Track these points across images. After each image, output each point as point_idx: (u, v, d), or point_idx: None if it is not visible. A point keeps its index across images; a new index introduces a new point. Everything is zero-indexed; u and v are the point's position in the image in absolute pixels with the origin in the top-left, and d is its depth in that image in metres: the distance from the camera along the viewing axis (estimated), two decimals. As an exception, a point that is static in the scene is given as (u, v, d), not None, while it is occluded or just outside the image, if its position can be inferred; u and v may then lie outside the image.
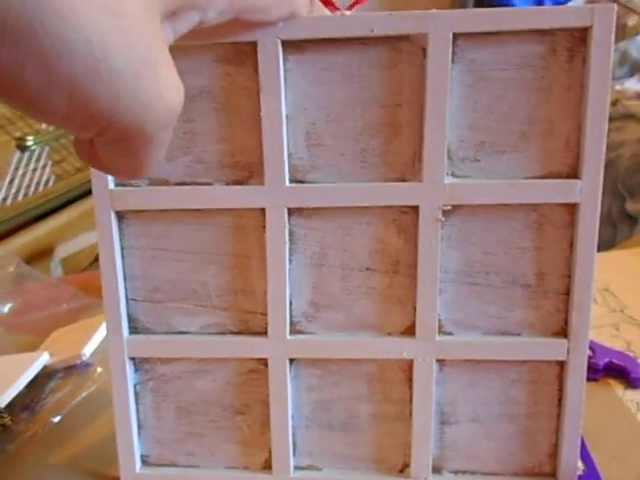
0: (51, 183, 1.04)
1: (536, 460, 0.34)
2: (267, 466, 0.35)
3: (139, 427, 0.35)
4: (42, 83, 0.15)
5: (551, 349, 0.32)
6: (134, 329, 0.34)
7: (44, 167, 1.03)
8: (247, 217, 0.32)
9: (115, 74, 0.16)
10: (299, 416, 0.34)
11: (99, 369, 0.47)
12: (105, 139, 0.18)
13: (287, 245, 0.32)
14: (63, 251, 0.99)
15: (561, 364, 0.33)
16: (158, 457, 0.36)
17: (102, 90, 0.16)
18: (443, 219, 0.31)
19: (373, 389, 0.34)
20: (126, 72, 0.16)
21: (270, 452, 0.34)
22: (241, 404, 0.34)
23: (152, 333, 0.34)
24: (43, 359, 0.47)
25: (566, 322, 0.32)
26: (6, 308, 0.57)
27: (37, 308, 0.57)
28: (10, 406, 0.42)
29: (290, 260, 0.32)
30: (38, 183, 1.02)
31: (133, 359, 0.34)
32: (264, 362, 0.33)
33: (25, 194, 0.99)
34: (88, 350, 0.49)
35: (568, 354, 0.32)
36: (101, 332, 0.50)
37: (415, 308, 0.32)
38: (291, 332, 0.33)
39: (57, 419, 0.42)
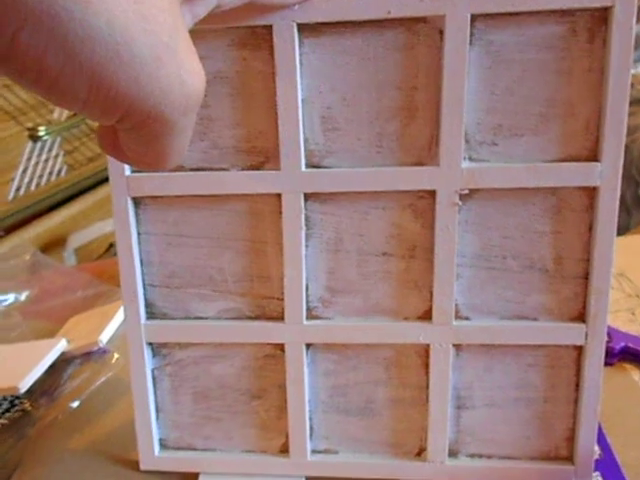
0: (63, 173, 1.05)
1: (553, 444, 0.34)
2: (284, 450, 0.35)
3: (157, 411, 0.36)
4: (63, 67, 0.15)
5: (569, 334, 0.32)
6: (151, 314, 0.34)
7: (56, 157, 1.03)
8: (263, 202, 0.32)
9: (136, 59, 0.16)
10: (316, 401, 0.34)
11: (116, 355, 0.48)
12: (127, 126, 0.18)
13: (303, 230, 0.32)
14: (76, 241, 1.00)
15: (579, 349, 0.32)
16: (176, 441, 0.36)
17: (123, 75, 0.16)
18: (460, 203, 0.31)
19: (390, 374, 0.34)
20: (147, 57, 0.16)
21: (287, 436, 0.35)
22: (258, 389, 0.35)
23: (169, 318, 0.34)
24: (61, 345, 0.47)
25: (584, 307, 0.32)
26: (23, 296, 0.57)
27: (53, 295, 0.58)
28: (29, 392, 0.43)
29: (306, 245, 0.32)
30: (50, 173, 1.02)
31: (151, 344, 0.35)
32: (281, 347, 0.34)
33: (37, 184, 0.99)
34: (105, 337, 0.49)
35: (586, 339, 0.32)
36: (117, 319, 0.51)
37: (432, 293, 0.32)
38: (308, 317, 0.33)
39: (76, 404, 0.43)
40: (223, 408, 0.35)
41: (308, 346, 0.34)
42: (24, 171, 0.96)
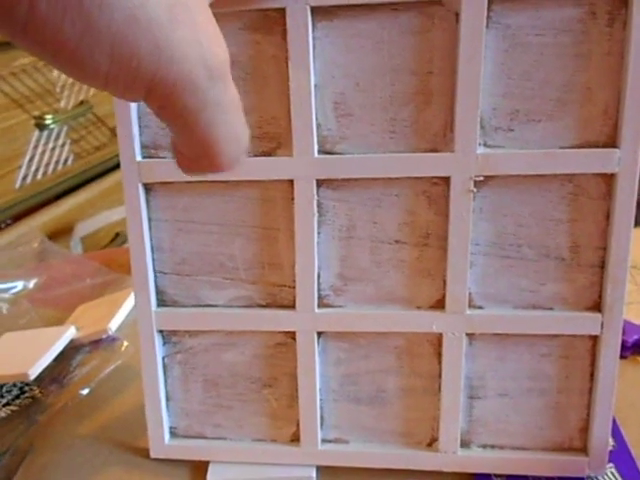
0: (70, 162, 1.05)
1: (566, 435, 0.34)
2: (295, 439, 0.35)
3: (167, 399, 0.36)
4: (82, 36, 0.15)
5: (584, 324, 0.32)
6: (162, 302, 0.34)
7: (63, 146, 1.03)
8: (275, 189, 0.32)
9: (154, 22, 0.15)
10: (327, 389, 0.34)
11: (125, 343, 0.47)
12: (157, 103, 0.17)
13: (315, 217, 0.31)
14: (83, 229, 1.00)
15: (594, 339, 0.32)
16: (186, 429, 0.36)
17: (143, 41, 0.15)
18: (475, 190, 0.30)
19: (401, 363, 0.33)
20: (164, 18, 0.16)
21: (298, 425, 0.34)
22: (269, 377, 0.34)
23: (180, 306, 0.34)
24: (70, 333, 0.47)
25: (600, 296, 0.31)
26: (31, 283, 0.57)
27: (62, 283, 0.58)
28: (39, 378, 0.43)
29: (318, 232, 0.32)
30: (57, 162, 1.02)
31: (161, 332, 0.34)
32: (292, 335, 0.33)
33: (44, 173, 0.99)
34: (114, 325, 0.49)
35: (602, 329, 0.31)
36: (126, 307, 0.51)
37: (445, 281, 0.32)
38: (319, 305, 0.33)
39: (85, 391, 0.43)
40: (233, 396, 0.35)
41: (319, 334, 0.33)
42: (31, 159, 0.96)
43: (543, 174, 0.30)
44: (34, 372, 0.42)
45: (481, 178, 0.30)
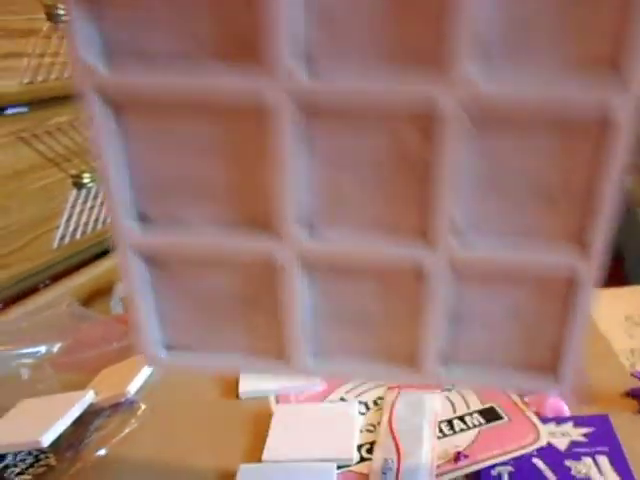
0: (109, 220, 1.04)
1: (539, 356, 0.32)
2: (280, 357, 0.34)
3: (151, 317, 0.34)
4: None
5: (567, 257, 0.30)
6: (139, 224, 0.32)
7: (102, 204, 1.02)
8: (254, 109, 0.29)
9: None
10: (311, 314, 0.33)
11: (143, 406, 0.46)
12: None
13: (299, 142, 0.29)
14: (123, 290, 0.99)
15: (575, 273, 0.30)
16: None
17: None
18: (468, 122, 0.28)
19: (385, 289, 0.32)
20: None
21: (284, 344, 0.33)
22: (254, 298, 0.33)
23: (158, 227, 0.32)
24: (88, 398, 0.46)
25: (583, 231, 0.29)
26: (56, 348, 0.57)
27: (87, 347, 0.58)
28: (55, 445, 0.42)
29: (302, 158, 0.30)
30: (96, 220, 1.02)
31: (140, 254, 0.33)
32: (274, 260, 0.32)
33: (83, 232, 0.98)
34: (133, 387, 0.48)
35: (583, 262, 0.30)
36: (147, 369, 0.49)
37: (431, 210, 0.30)
38: (301, 231, 0.31)
39: (101, 453, 0.42)
40: (218, 318, 0.34)
41: (301, 260, 0.31)
42: (69, 219, 0.95)
43: (539, 110, 0.28)
44: (47, 439, 0.41)
45: (475, 110, 0.28)
